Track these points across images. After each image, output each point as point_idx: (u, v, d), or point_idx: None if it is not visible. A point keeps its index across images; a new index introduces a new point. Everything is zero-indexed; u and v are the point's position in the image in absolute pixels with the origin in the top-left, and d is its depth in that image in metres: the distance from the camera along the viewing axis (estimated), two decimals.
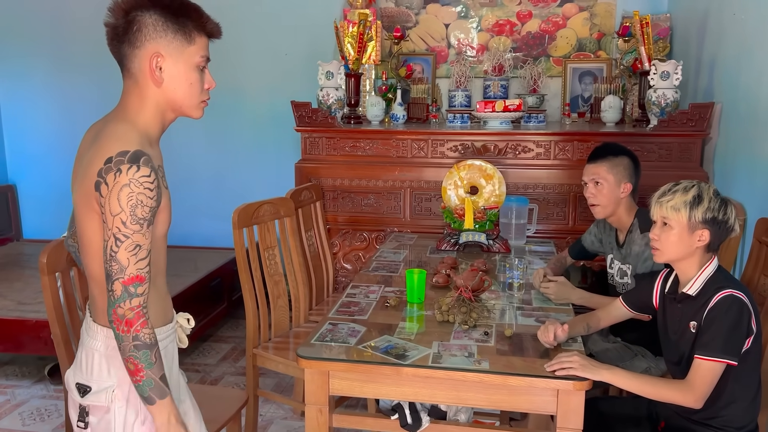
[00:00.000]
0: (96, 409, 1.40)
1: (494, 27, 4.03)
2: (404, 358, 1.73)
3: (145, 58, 1.36)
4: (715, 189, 1.72)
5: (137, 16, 1.34)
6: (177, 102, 1.41)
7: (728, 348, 1.60)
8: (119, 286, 1.28)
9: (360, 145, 3.24)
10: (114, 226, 1.27)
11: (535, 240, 3.03)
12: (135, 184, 1.27)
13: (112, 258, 1.28)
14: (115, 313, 1.29)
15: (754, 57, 2.58)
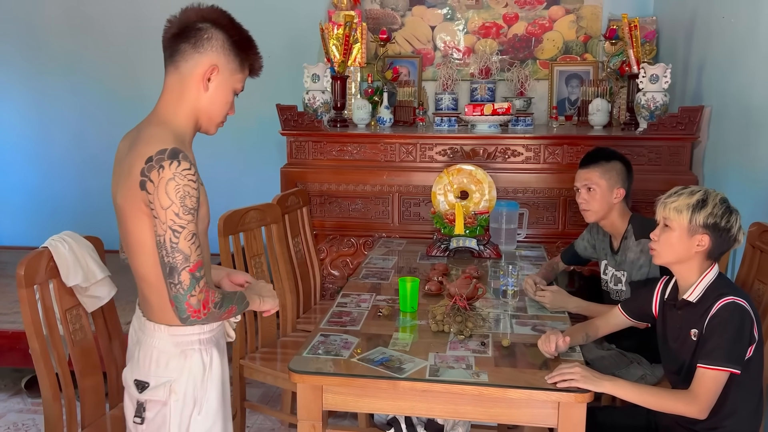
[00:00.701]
0: (153, 404, 1.47)
1: (480, 29, 3.99)
2: (400, 371, 1.68)
3: (203, 64, 1.45)
4: (724, 197, 1.69)
5: (211, 27, 1.45)
6: (208, 113, 1.51)
7: (732, 356, 1.58)
8: (186, 276, 1.35)
9: (347, 149, 3.18)
10: (168, 219, 1.34)
11: (526, 245, 3.00)
12: (179, 177, 1.34)
13: (174, 249, 1.34)
14: (189, 305, 1.36)
15: (744, 60, 2.57)
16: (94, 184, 4.47)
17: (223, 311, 1.44)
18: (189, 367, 1.48)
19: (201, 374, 1.49)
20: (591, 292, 3.06)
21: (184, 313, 1.37)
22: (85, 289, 1.96)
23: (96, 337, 2.06)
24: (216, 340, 1.55)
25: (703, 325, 1.64)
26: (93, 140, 4.42)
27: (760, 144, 2.39)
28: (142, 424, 1.48)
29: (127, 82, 4.35)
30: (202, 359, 1.50)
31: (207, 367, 1.50)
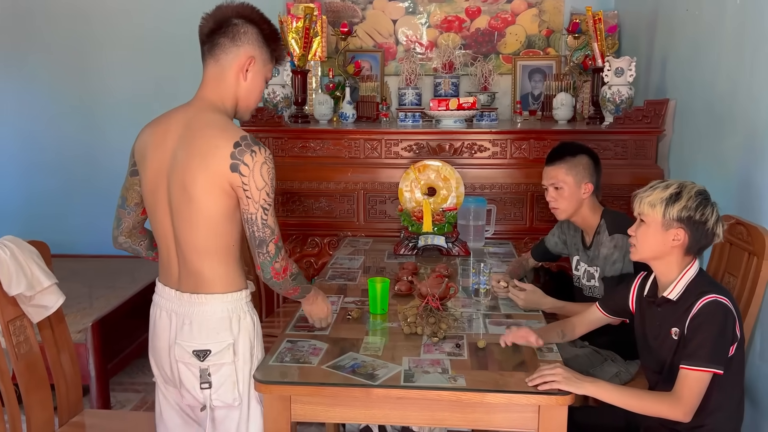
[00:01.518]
0: (218, 367, 1.58)
1: (443, 23, 3.93)
2: (373, 377, 1.59)
3: (242, 56, 1.59)
4: (701, 189, 1.65)
5: (245, 23, 1.59)
6: (246, 100, 1.65)
7: (715, 357, 1.54)
8: (273, 246, 1.56)
9: (310, 145, 3.07)
10: (261, 198, 1.52)
11: (494, 241, 2.94)
12: (269, 161, 1.53)
13: (264, 225, 1.54)
14: (274, 269, 1.57)
15: (709, 52, 2.56)
16: (41, 186, 4.25)
17: (294, 285, 1.65)
18: (245, 327, 1.63)
19: (253, 332, 1.65)
20: (558, 288, 3.03)
21: (269, 274, 1.58)
22: (29, 298, 1.83)
23: (43, 350, 1.91)
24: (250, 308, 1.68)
25: (685, 325, 1.60)
26: (40, 141, 4.21)
27: (725, 136, 2.38)
28: (210, 388, 1.59)
29: (75, 81, 4.15)
30: (252, 319, 1.65)
31: (256, 325, 1.67)
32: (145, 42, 4.09)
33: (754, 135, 2.15)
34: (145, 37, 4.09)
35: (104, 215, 4.28)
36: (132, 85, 4.14)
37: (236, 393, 1.60)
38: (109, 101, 4.16)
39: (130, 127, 4.11)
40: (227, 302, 1.61)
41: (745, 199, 2.22)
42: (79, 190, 4.22)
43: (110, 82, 4.15)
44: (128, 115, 4.15)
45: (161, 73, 4.09)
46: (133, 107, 4.14)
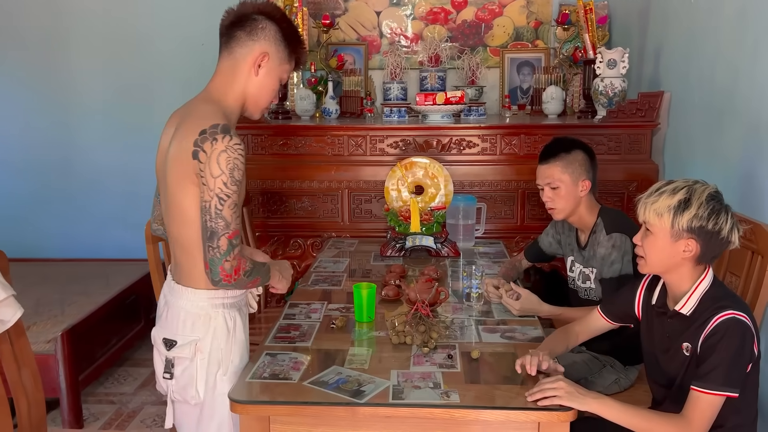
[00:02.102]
0: (181, 361, 1.58)
1: (428, 15, 3.80)
2: (360, 395, 1.46)
3: (256, 50, 1.58)
4: (712, 192, 1.49)
5: (265, 19, 1.58)
6: (255, 97, 1.63)
7: (730, 380, 1.40)
8: (225, 241, 1.47)
9: (291, 142, 2.93)
10: (216, 187, 1.46)
11: (484, 241, 2.83)
12: (231, 150, 1.46)
13: (218, 216, 1.46)
14: (223, 269, 1.47)
15: (706, 43, 2.45)
16: (9, 188, 4.07)
17: (251, 280, 1.56)
18: (214, 328, 1.58)
19: (225, 336, 1.59)
20: (551, 289, 2.93)
21: (217, 276, 1.48)
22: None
23: (1, 366, 1.76)
24: (239, 307, 1.66)
25: (698, 342, 1.46)
26: (7, 141, 4.02)
27: (726, 129, 2.28)
28: (171, 379, 1.60)
29: (47, 80, 3.98)
30: (225, 322, 1.60)
31: (231, 330, 1.61)
32: (122, 42, 3.92)
33: (758, 128, 2.04)
34: (121, 37, 3.91)
35: (78, 218, 4.14)
36: (107, 86, 3.96)
37: (194, 391, 1.57)
38: (83, 101, 3.99)
39: (104, 129, 4.00)
40: (199, 299, 1.59)
41: (747, 195, 2.12)
42: (51, 192, 4.04)
43: (84, 82, 3.97)
44: (103, 116, 3.99)
45: (138, 73, 3.93)
46: (108, 108, 3.98)
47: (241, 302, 1.70)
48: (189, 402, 1.59)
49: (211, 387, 1.57)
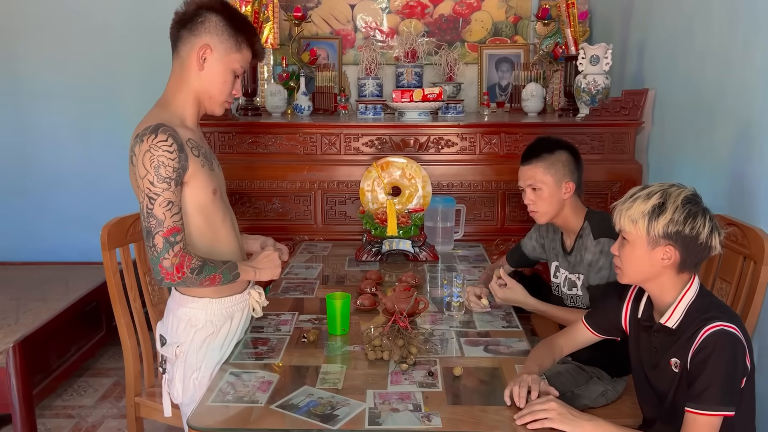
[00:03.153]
0: (168, 359, 1.67)
1: (404, 9, 3.67)
2: (332, 419, 1.33)
3: (197, 45, 1.57)
4: (689, 195, 1.39)
5: (206, 12, 1.57)
6: (207, 92, 1.61)
7: (725, 398, 1.31)
8: (160, 239, 1.46)
9: (261, 140, 2.78)
10: (144, 187, 1.47)
11: (463, 243, 2.71)
12: (154, 149, 1.46)
13: (149, 215, 1.47)
14: (163, 267, 1.47)
15: (693, 40, 2.37)
16: None
17: (203, 277, 1.51)
18: (194, 334, 1.63)
19: (203, 343, 1.64)
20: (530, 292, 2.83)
21: (158, 275, 1.48)
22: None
23: None
24: (230, 315, 1.68)
25: (687, 357, 1.36)
26: None
27: (714, 129, 2.19)
28: (164, 373, 1.70)
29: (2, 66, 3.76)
30: (207, 330, 1.64)
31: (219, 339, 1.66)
32: (82, 36, 3.71)
33: (748, 127, 1.96)
34: (82, 31, 3.71)
35: (37, 217, 3.93)
36: (68, 81, 3.76)
37: (174, 391, 1.66)
38: (42, 96, 3.78)
39: (64, 125, 3.79)
40: (185, 305, 1.64)
41: (737, 197, 2.04)
42: (6, 191, 3.83)
43: (42, 77, 3.77)
44: (62, 112, 3.79)
45: (99, 68, 3.74)
46: (68, 103, 3.78)
47: (235, 310, 1.70)
48: (173, 399, 1.68)
49: (188, 390, 1.63)
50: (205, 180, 1.58)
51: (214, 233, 1.63)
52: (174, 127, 1.52)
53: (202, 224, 1.58)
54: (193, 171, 1.54)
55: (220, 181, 1.68)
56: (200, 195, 1.57)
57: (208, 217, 1.60)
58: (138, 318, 2.08)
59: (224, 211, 1.67)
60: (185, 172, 1.52)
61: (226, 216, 1.68)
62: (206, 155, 1.61)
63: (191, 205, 1.57)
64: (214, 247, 1.62)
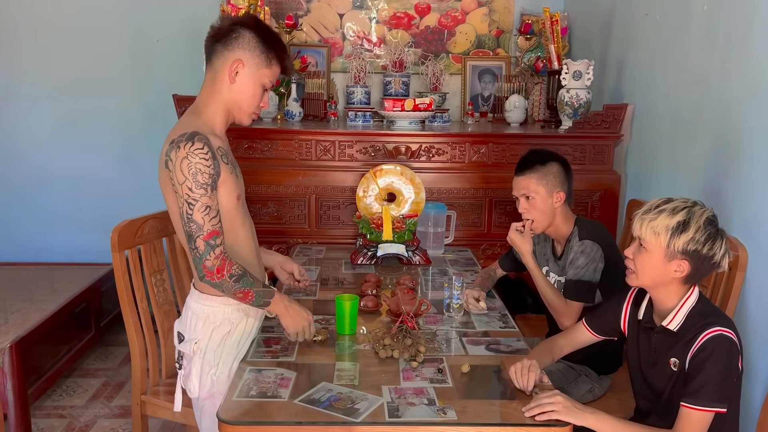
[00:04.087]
0: (186, 355, 1.73)
1: (392, 19, 3.78)
2: (354, 413, 1.42)
3: (230, 59, 1.65)
4: (710, 217, 1.50)
5: (240, 28, 1.65)
6: (237, 103, 1.69)
7: (719, 395, 1.43)
8: (201, 243, 1.55)
9: (256, 146, 2.85)
10: (183, 193, 1.55)
11: (452, 248, 2.82)
12: (192, 156, 1.54)
13: (189, 220, 1.55)
14: (205, 267, 1.57)
15: (672, 58, 2.52)
16: None
17: (238, 287, 1.60)
18: (212, 331, 1.70)
19: (222, 340, 1.71)
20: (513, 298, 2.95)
21: (201, 272, 1.58)
22: None
23: None
24: (246, 313, 1.75)
25: (686, 358, 1.48)
26: None
27: (691, 144, 2.35)
28: (180, 369, 1.75)
29: None
30: (234, 328, 1.72)
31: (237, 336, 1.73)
32: (71, 37, 3.72)
33: (726, 143, 2.11)
34: (70, 32, 3.71)
35: (18, 217, 3.90)
36: (55, 82, 3.75)
37: (192, 385, 1.71)
38: (28, 98, 3.76)
39: (51, 126, 3.78)
40: (203, 303, 1.71)
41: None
42: None
43: (29, 78, 3.75)
44: (49, 113, 3.78)
45: (87, 70, 3.74)
46: (55, 105, 3.78)
47: (250, 309, 1.76)
48: (189, 394, 1.74)
49: (205, 386, 1.69)
50: (232, 186, 1.66)
51: (235, 236, 1.70)
52: (206, 135, 1.59)
53: (226, 227, 1.65)
54: (224, 177, 1.62)
55: (242, 187, 1.75)
56: (227, 200, 1.64)
57: (231, 221, 1.67)
58: (144, 318, 2.13)
59: (244, 216, 1.75)
60: (219, 178, 1.60)
61: (245, 220, 1.76)
62: (233, 163, 1.69)
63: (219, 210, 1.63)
64: (233, 248, 1.69)
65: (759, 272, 1.91)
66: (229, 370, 1.70)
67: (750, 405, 1.89)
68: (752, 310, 1.94)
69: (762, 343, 1.89)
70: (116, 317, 3.52)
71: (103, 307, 3.38)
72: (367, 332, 1.85)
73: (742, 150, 2.01)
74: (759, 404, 1.79)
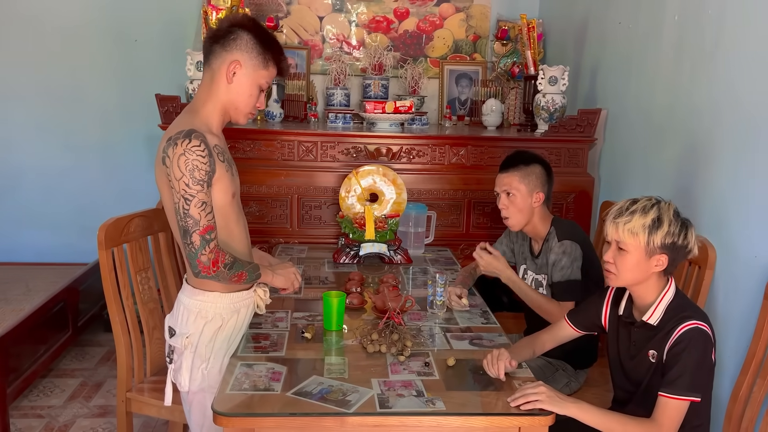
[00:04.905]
0: (176, 349, 1.75)
1: (371, 23, 3.83)
2: (346, 404, 1.46)
3: (227, 60, 1.68)
4: (676, 210, 1.60)
5: (238, 30, 1.68)
6: (234, 103, 1.72)
7: (694, 385, 1.51)
8: (197, 237, 1.59)
9: (239, 146, 2.87)
10: (180, 189, 1.58)
11: (432, 248, 2.88)
12: (189, 152, 1.57)
13: (186, 215, 1.58)
14: (200, 262, 1.60)
15: (644, 64, 2.63)
16: None
17: (233, 273, 1.66)
18: (204, 326, 1.72)
19: (214, 335, 1.74)
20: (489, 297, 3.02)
21: (196, 268, 1.61)
22: None
23: None
24: (236, 309, 1.78)
25: (664, 350, 1.56)
26: None
27: (663, 148, 2.45)
28: (171, 363, 1.77)
29: None
30: (225, 323, 1.75)
31: (229, 331, 1.76)
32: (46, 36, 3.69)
33: (695, 147, 2.21)
34: (45, 30, 3.68)
35: None
36: (29, 75, 3.72)
37: (181, 381, 1.74)
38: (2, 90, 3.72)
39: (24, 121, 3.74)
40: (195, 298, 1.73)
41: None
42: None
43: (3, 70, 3.71)
44: (22, 111, 3.74)
45: (63, 68, 3.72)
46: (27, 103, 3.73)
47: (241, 305, 1.79)
48: (179, 388, 1.76)
49: (195, 380, 1.72)
50: (227, 184, 1.69)
51: (230, 232, 1.73)
52: (203, 132, 1.62)
53: (221, 223, 1.68)
54: (219, 175, 1.65)
55: (237, 185, 1.78)
56: (221, 197, 1.68)
57: (225, 218, 1.71)
58: (130, 316, 2.14)
59: (238, 213, 1.78)
60: (214, 175, 1.63)
61: (239, 218, 1.79)
62: (229, 161, 1.72)
63: (214, 206, 1.66)
64: (228, 244, 1.72)
65: (727, 270, 2.01)
66: (221, 365, 1.73)
67: (718, 395, 1.98)
68: (720, 306, 2.04)
69: (730, 337, 1.99)
70: (93, 317, 3.51)
71: (80, 307, 3.36)
72: (351, 329, 1.89)
73: (710, 154, 2.11)
74: (727, 395, 1.89)
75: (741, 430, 1.79)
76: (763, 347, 1.78)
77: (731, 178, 2.00)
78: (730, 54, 2.04)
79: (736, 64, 2.00)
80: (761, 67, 1.88)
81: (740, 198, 1.96)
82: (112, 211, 2.24)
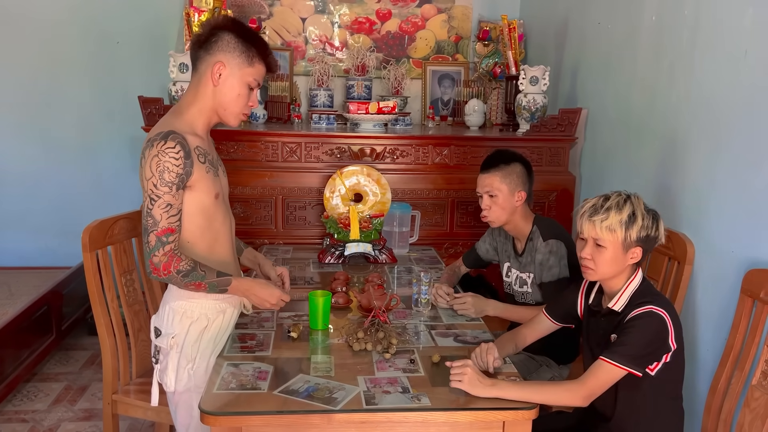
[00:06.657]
0: (162, 349, 1.75)
1: (353, 24, 3.85)
2: (333, 401, 1.48)
3: (211, 63, 1.69)
4: (645, 202, 1.66)
5: (219, 32, 1.69)
6: (222, 105, 1.72)
7: (634, 359, 1.56)
8: (153, 237, 1.60)
9: (223, 147, 2.87)
10: (148, 189, 1.60)
11: (416, 247, 2.91)
12: (162, 154, 1.58)
13: (148, 214, 1.60)
14: (152, 263, 1.61)
15: (622, 64, 2.67)
16: None
17: (188, 281, 1.65)
18: (189, 326, 1.73)
19: (199, 335, 1.74)
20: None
21: (148, 268, 1.63)
22: None
23: None
24: (222, 309, 1.79)
25: (621, 330, 1.62)
26: None
27: (642, 145, 2.49)
28: (157, 364, 1.78)
29: None
30: (210, 324, 1.76)
31: (214, 333, 1.77)
32: (26, 37, 3.66)
33: (674, 144, 2.25)
34: (24, 31, 3.65)
35: None
36: (8, 76, 3.69)
37: (167, 381, 1.74)
38: None
39: (4, 122, 3.70)
40: (180, 298, 1.73)
41: (661, 207, 2.29)
42: None
43: None
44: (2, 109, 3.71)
45: (42, 62, 3.69)
46: (8, 100, 3.70)
47: (226, 305, 1.80)
48: (165, 388, 1.76)
49: (181, 380, 1.73)
50: (209, 185, 1.70)
51: (214, 233, 1.74)
52: (184, 134, 1.64)
53: (204, 224, 1.69)
54: (198, 176, 1.66)
55: (223, 186, 1.78)
56: (203, 198, 1.69)
57: (209, 218, 1.72)
58: (115, 318, 2.13)
59: (224, 214, 1.79)
60: (189, 177, 1.64)
61: (226, 218, 1.80)
62: (212, 162, 1.72)
63: (195, 207, 1.68)
64: (213, 245, 1.73)
65: (705, 266, 2.05)
66: (207, 365, 1.74)
67: (697, 388, 2.03)
68: (699, 301, 2.08)
69: (708, 330, 2.04)
70: (77, 321, 3.49)
71: (64, 311, 3.34)
72: (336, 328, 1.91)
73: (688, 152, 2.16)
74: (706, 388, 1.93)
75: (720, 421, 1.83)
76: (741, 340, 1.82)
77: (708, 175, 2.04)
78: (705, 54, 2.08)
79: (711, 64, 2.05)
80: (734, 66, 1.92)
81: (717, 194, 2.00)
82: (94, 215, 2.23)
